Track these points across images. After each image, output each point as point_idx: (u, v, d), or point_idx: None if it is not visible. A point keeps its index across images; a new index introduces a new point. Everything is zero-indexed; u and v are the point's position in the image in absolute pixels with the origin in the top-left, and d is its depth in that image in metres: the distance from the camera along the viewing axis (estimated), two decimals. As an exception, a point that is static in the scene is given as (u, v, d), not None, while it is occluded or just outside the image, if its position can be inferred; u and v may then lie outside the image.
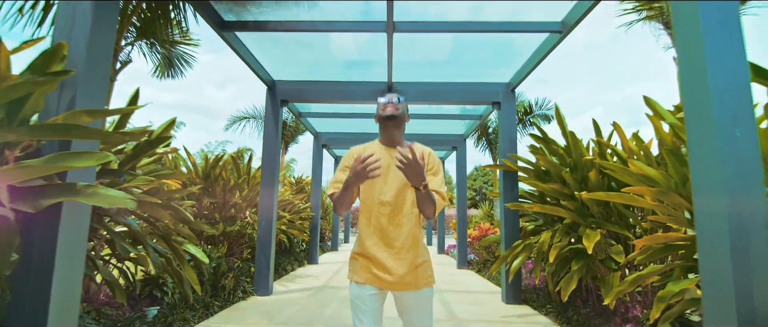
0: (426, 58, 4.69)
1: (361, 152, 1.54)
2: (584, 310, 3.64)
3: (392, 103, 1.59)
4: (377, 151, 1.60)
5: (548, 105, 8.03)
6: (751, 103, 1.62)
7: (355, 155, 1.59)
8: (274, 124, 4.65)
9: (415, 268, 1.51)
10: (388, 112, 1.58)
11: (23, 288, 1.56)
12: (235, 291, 4.08)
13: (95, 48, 1.78)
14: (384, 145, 1.62)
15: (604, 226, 3.26)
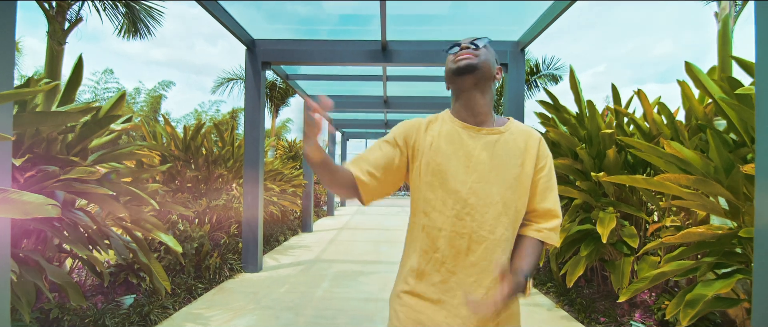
0: (425, 11, 4.14)
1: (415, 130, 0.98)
2: (587, 290, 3.46)
3: (467, 51, 0.94)
4: (449, 132, 0.97)
5: (557, 63, 7.46)
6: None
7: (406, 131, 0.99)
8: (256, 89, 4.20)
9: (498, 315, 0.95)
10: (461, 60, 0.93)
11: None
12: (222, 269, 3.87)
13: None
14: (460, 122, 0.97)
15: (618, 206, 2.97)
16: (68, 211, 2.02)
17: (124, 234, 2.34)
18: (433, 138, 0.96)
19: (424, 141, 0.97)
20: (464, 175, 0.93)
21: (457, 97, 0.99)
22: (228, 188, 4.89)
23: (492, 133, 0.96)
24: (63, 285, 1.96)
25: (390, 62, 4.26)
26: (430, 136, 0.97)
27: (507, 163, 0.94)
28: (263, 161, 4.33)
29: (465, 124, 0.97)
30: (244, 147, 4.18)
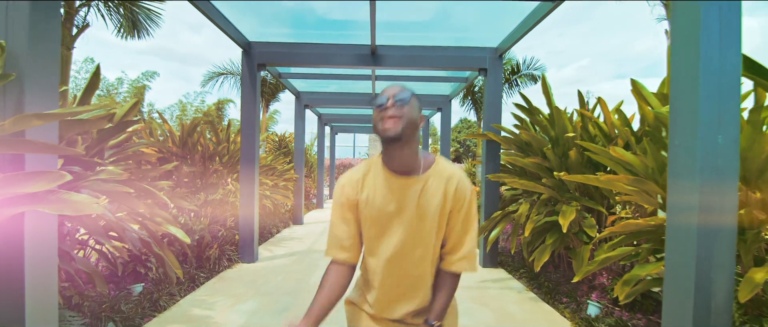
0: (411, 19, 4.43)
1: (355, 189, 1.12)
2: (555, 275, 3.87)
3: (392, 109, 1.00)
4: (380, 180, 1.09)
5: (537, 64, 7.88)
6: (738, 110, 1.61)
7: (347, 194, 1.12)
8: (252, 90, 4.43)
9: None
10: (386, 132, 1.00)
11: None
12: (221, 260, 4.14)
13: (40, 36, 1.58)
14: (391, 173, 1.08)
15: (580, 200, 3.36)
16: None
17: (141, 228, 2.59)
18: (368, 194, 1.09)
19: (361, 197, 1.10)
20: (396, 224, 1.08)
21: (386, 152, 1.07)
22: (223, 183, 5.12)
23: (418, 182, 1.07)
24: (90, 273, 2.22)
25: (379, 65, 4.54)
26: (365, 192, 1.10)
27: (428, 210, 1.07)
28: (258, 158, 4.58)
29: (394, 175, 1.08)
30: (241, 145, 4.42)
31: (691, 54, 1.62)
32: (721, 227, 1.60)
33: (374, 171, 1.11)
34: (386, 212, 1.07)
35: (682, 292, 1.64)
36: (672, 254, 1.71)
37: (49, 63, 1.62)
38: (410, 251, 1.09)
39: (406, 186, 1.06)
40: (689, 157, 1.62)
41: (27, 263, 1.53)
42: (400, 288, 1.13)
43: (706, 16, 1.57)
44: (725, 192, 1.60)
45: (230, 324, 2.78)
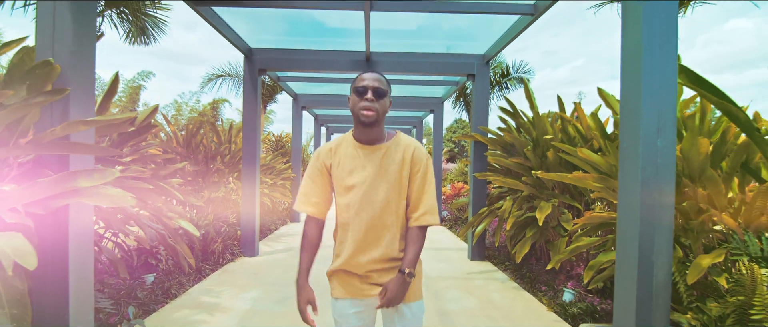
0: (403, 27, 4.71)
1: (328, 154, 1.34)
2: (536, 267, 4.18)
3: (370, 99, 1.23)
4: (351, 150, 1.32)
5: (526, 68, 8.22)
6: (674, 117, 1.91)
7: (322, 158, 1.34)
8: (253, 93, 4.69)
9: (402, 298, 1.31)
10: (363, 118, 1.23)
11: (42, 280, 1.78)
12: (224, 254, 4.39)
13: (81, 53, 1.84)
14: (358, 144, 1.32)
15: (558, 197, 3.66)
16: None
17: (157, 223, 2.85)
18: (340, 159, 1.32)
19: (333, 161, 1.33)
20: (361, 182, 1.29)
21: (357, 128, 1.30)
22: (225, 182, 5.37)
23: (380, 149, 1.30)
24: (113, 261, 2.47)
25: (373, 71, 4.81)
26: (337, 158, 1.33)
27: (389, 169, 1.29)
28: (260, 159, 4.84)
29: (361, 145, 1.31)
30: (242, 146, 4.67)
31: (635, 69, 1.92)
32: (661, 218, 1.90)
33: (346, 143, 1.34)
34: (352, 172, 1.30)
35: (628, 272, 1.94)
36: (621, 241, 2.01)
37: (87, 75, 1.88)
38: (374, 202, 1.27)
39: (371, 152, 1.30)
40: (634, 158, 1.92)
41: (71, 249, 1.79)
42: (367, 236, 1.29)
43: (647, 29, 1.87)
44: (664, 188, 1.90)
45: (237, 309, 3.04)
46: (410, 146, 1.33)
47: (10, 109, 1.44)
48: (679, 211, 2.42)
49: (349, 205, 1.30)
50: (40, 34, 1.79)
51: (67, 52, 1.78)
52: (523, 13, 3.56)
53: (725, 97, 2.16)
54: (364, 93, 1.24)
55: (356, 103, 1.25)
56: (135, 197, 1.80)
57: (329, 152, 1.34)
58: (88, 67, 1.88)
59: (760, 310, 1.75)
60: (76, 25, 1.82)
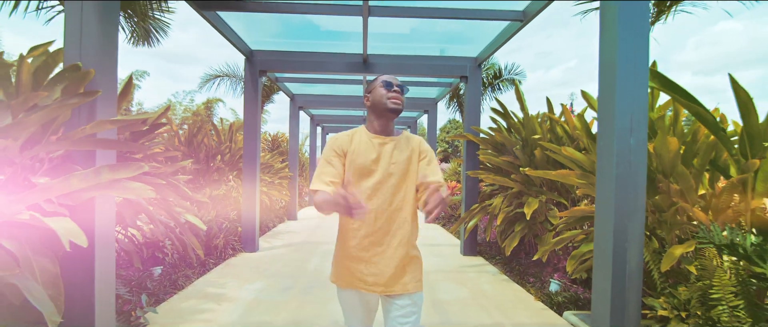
0: (398, 30, 4.89)
1: (346, 141, 1.42)
2: (525, 261, 4.40)
3: (398, 92, 1.39)
4: (365, 141, 1.42)
5: (517, 69, 8.47)
6: (646, 118, 2.12)
7: (340, 143, 1.42)
8: (254, 94, 4.84)
9: (404, 267, 1.41)
10: (392, 104, 1.37)
11: (71, 264, 1.93)
12: (226, 249, 4.54)
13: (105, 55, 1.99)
14: (373, 134, 1.43)
15: (545, 194, 3.88)
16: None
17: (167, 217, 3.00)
18: (355, 147, 1.41)
19: (350, 148, 1.41)
20: (375, 169, 1.40)
21: (378, 119, 1.42)
22: (225, 180, 5.51)
23: (393, 140, 1.43)
24: (129, 252, 2.63)
25: (370, 72, 5.00)
26: (353, 145, 1.41)
27: (400, 159, 1.41)
28: (260, 157, 5.00)
29: (377, 136, 1.42)
30: (243, 145, 4.82)
31: (610, 75, 2.13)
32: (634, 210, 2.11)
33: (359, 133, 1.45)
34: (368, 159, 1.39)
35: (604, 259, 2.15)
36: (598, 231, 2.22)
37: (111, 77, 2.04)
38: (385, 189, 1.38)
39: (383, 143, 1.42)
40: (609, 155, 2.13)
41: (96, 237, 1.95)
42: (379, 221, 1.37)
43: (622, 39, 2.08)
44: (636, 183, 2.11)
45: (242, 299, 3.20)
46: (416, 140, 1.48)
47: (48, 109, 1.59)
48: (652, 204, 2.63)
49: (363, 190, 1.37)
50: (69, 36, 1.95)
51: (94, 54, 1.94)
52: (512, 19, 3.77)
53: (694, 100, 2.38)
54: (391, 86, 1.39)
55: (383, 94, 1.38)
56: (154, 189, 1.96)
57: (347, 138, 1.43)
58: (111, 68, 2.04)
59: (718, 290, 1.97)
60: (102, 27, 1.97)
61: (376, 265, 1.38)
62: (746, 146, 2.30)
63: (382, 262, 1.38)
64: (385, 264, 1.38)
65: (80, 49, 1.93)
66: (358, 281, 1.40)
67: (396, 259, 1.39)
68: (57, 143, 1.74)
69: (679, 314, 2.31)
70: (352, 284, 1.42)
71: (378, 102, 1.40)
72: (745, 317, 1.92)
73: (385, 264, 1.38)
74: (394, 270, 1.38)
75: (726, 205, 2.51)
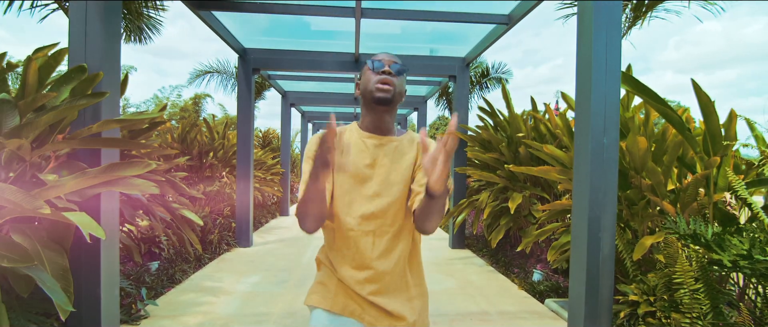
0: (389, 31, 5.01)
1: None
2: (511, 253, 4.60)
3: (387, 75, 1.04)
4: (356, 138, 1.11)
5: (504, 68, 8.67)
6: (617, 119, 2.30)
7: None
8: (247, 91, 4.91)
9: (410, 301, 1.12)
10: (379, 93, 1.03)
11: (77, 259, 2.02)
12: (220, 244, 4.63)
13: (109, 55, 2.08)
14: (367, 133, 1.11)
15: (529, 189, 4.07)
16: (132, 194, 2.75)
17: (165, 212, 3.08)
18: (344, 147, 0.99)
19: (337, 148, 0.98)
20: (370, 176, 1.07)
21: (368, 114, 1.09)
22: (219, 176, 5.58)
23: (392, 141, 1.10)
24: (129, 247, 2.71)
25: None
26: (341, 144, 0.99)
27: (402, 163, 1.09)
28: (253, 153, 5.08)
29: (370, 135, 1.09)
30: (237, 141, 4.90)
31: (586, 78, 2.30)
32: (606, 201, 2.30)
33: (349, 132, 1.13)
34: (362, 165, 1.07)
35: (580, 246, 2.33)
36: (575, 221, 2.40)
37: (114, 77, 2.12)
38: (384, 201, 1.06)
39: (381, 144, 1.09)
40: (585, 152, 2.31)
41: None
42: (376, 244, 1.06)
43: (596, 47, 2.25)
44: (609, 177, 2.29)
45: (239, 292, 3.31)
46: (416, 139, 1.16)
47: (58, 110, 1.68)
48: (626, 198, 2.83)
49: (356, 206, 1.06)
50: (74, 36, 2.02)
51: (99, 54, 2.02)
52: (498, 22, 3.93)
53: (663, 101, 2.57)
54: (380, 68, 1.05)
55: (369, 79, 1.06)
56: (156, 185, 2.06)
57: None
58: (115, 69, 2.13)
59: (680, 276, 2.17)
60: (106, 27, 2.06)
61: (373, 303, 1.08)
62: (709, 144, 2.50)
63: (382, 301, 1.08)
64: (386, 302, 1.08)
65: (85, 49, 2.01)
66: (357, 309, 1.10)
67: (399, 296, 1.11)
68: (64, 142, 1.83)
69: (648, 299, 2.51)
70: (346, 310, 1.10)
71: (365, 89, 1.07)
72: (704, 299, 2.12)
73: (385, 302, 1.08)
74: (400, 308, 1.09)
75: (692, 199, 2.72)
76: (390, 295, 1.09)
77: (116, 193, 2.14)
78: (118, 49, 2.15)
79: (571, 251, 2.44)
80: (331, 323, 1.07)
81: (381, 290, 1.08)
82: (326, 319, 1.08)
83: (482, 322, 2.81)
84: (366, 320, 1.09)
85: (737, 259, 2.00)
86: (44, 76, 2.10)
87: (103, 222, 2.05)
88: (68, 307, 1.65)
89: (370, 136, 1.10)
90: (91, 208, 2.01)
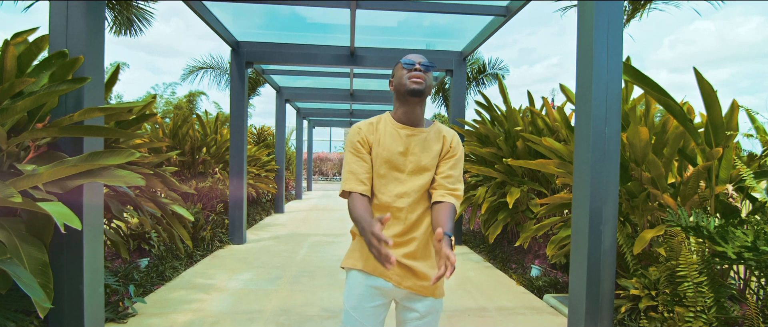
0: (385, 24, 4.94)
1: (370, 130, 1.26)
2: (508, 249, 4.55)
3: (420, 71, 1.20)
4: (390, 128, 1.26)
5: (501, 64, 8.63)
6: (619, 108, 2.24)
7: (364, 133, 1.26)
8: (240, 85, 4.82)
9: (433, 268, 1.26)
10: (413, 85, 1.18)
11: (59, 254, 1.93)
12: (213, 241, 4.54)
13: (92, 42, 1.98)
14: (399, 123, 1.26)
15: (527, 184, 4.02)
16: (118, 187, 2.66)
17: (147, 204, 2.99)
18: (380, 136, 1.25)
19: (375, 137, 1.26)
20: (403, 164, 1.24)
21: (401, 106, 1.24)
22: (211, 172, 5.48)
23: (423, 133, 1.26)
24: (116, 242, 2.62)
25: (357, 65, 5.04)
26: (378, 135, 1.26)
27: (430, 153, 1.25)
28: (246, 149, 4.99)
29: (403, 126, 1.25)
30: (230, 136, 4.80)
31: (587, 67, 2.24)
32: (608, 193, 2.24)
33: (384, 122, 1.28)
34: (395, 153, 1.24)
35: (581, 239, 2.27)
36: (575, 213, 2.34)
37: (98, 64, 2.03)
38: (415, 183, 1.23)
39: (412, 135, 1.25)
40: (585, 143, 2.25)
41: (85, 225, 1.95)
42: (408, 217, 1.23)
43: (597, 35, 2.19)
44: (610, 169, 2.24)
45: (231, 289, 3.23)
46: (450, 133, 1.32)
47: (36, 96, 1.59)
48: (625, 191, 2.78)
49: (390, 188, 1.23)
50: (54, 21, 1.93)
51: (81, 40, 1.93)
52: (496, 14, 3.86)
53: (664, 92, 2.52)
54: (412, 65, 1.21)
55: (402, 75, 1.21)
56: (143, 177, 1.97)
57: (370, 127, 1.28)
58: (98, 54, 2.04)
59: (683, 268, 2.12)
60: (88, 12, 1.96)
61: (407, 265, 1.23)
62: (711, 136, 2.45)
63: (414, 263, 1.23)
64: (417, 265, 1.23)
65: (66, 34, 1.92)
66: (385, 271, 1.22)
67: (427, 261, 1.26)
68: (44, 130, 1.74)
69: (649, 293, 2.47)
70: (377, 270, 1.24)
71: (399, 84, 1.23)
72: (708, 292, 2.07)
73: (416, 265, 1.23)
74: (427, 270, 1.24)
75: (693, 192, 2.67)
76: (417, 259, 1.24)
77: (100, 186, 2.05)
78: (101, 34, 2.06)
79: (571, 245, 2.39)
80: (365, 280, 1.25)
81: (410, 255, 1.23)
82: (361, 277, 1.26)
83: (481, 318, 2.75)
84: (393, 279, 1.23)
85: (742, 250, 1.95)
86: (25, 63, 2.00)
87: (86, 215, 1.96)
88: (46, 303, 1.56)
89: (403, 126, 1.26)
90: (72, 201, 1.92)
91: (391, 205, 1.23)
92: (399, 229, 1.23)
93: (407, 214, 1.23)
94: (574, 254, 2.34)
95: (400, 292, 1.25)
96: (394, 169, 1.25)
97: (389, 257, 0.93)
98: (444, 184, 1.23)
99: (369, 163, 1.25)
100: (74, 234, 1.93)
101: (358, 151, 1.25)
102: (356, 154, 1.25)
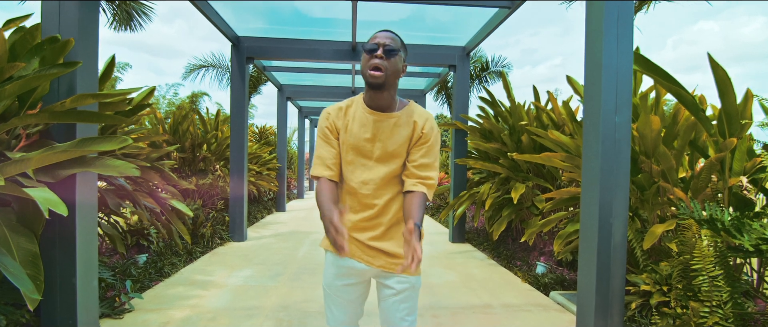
0: (388, 18, 4.88)
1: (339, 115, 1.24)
2: (512, 246, 4.46)
3: (379, 56, 1.12)
4: (360, 112, 1.22)
5: (504, 62, 8.55)
6: (630, 96, 2.16)
7: (332, 118, 1.24)
8: (241, 81, 4.76)
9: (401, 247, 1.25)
10: (371, 78, 1.12)
11: (51, 246, 1.87)
12: (213, 238, 4.48)
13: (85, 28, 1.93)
14: (369, 108, 1.21)
15: (532, 179, 3.94)
16: (115, 180, 2.60)
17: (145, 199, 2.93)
18: (349, 122, 1.21)
19: (343, 123, 1.22)
20: (371, 150, 1.21)
21: (367, 91, 1.20)
22: (212, 169, 5.42)
23: (391, 118, 1.20)
24: (112, 237, 2.56)
25: (359, 61, 4.97)
26: (347, 120, 1.22)
27: (399, 139, 1.21)
28: (247, 146, 4.93)
29: (372, 111, 1.20)
30: (231, 133, 4.75)
31: (597, 53, 2.16)
32: (618, 185, 2.16)
33: (356, 105, 1.24)
34: (362, 139, 1.21)
35: (590, 233, 2.20)
36: (584, 206, 2.26)
37: (91, 51, 1.97)
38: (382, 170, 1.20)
39: (380, 120, 1.20)
40: (595, 133, 2.17)
41: (77, 216, 1.89)
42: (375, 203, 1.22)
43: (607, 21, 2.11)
44: (620, 159, 2.16)
45: (230, 285, 3.16)
46: (422, 116, 1.23)
47: (25, 80, 1.53)
48: (635, 184, 2.70)
49: (357, 174, 1.22)
50: (46, 8, 1.87)
51: (73, 23, 1.87)
52: (500, 6, 3.79)
53: (675, 81, 2.44)
54: (374, 50, 1.12)
55: (365, 62, 1.15)
56: (137, 168, 1.91)
57: (339, 112, 1.24)
58: (92, 38, 1.98)
59: (698, 261, 2.03)
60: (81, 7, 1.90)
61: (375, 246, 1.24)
62: (724, 125, 2.37)
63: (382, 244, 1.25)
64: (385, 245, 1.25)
65: (59, 19, 1.87)
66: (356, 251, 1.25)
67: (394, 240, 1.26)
68: (34, 116, 1.68)
69: (661, 288, 2.38)
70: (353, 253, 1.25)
71: (362, 72, 1.17)
72: (724, 286, 1.99)
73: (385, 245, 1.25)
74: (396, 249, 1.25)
75: (705, 184, 2.58)
76: (385, 240, 1.25)
77: (93, 177, 1.99)
78: (95, 20, 2.00)
79: (579, 239, 2.31)
80: (337, 261, 1.28)
81: (376, 238, 1.24)
82: (333, 257, 1.29)
83: (486, 315, 2.67)
84: (364, 260, 1.25)
85: (759, 242, 1.87)
86: (20, 50, 1.95)
87: (80, 207, 1.90)
88: (35, 295, 1.50)
89: (371, 112, 1.21)
90: (65, 191, 1.87)
91: (358, 191, 1.23)
92: (366, 214, 1.24)
93: (373, 200, 1.23)
94: (582, 249, 2.27)
95: (374, 271, 1.27)
96: (361, 156, 1.23)
97: (343, 247, 0.96)
98: (415, 172, 1.21)
99: (337, 149, 1.24)
100: (67, 226, 1.88)
101: (327, 137, 1.25)
102: (324, 140, 1.25)
